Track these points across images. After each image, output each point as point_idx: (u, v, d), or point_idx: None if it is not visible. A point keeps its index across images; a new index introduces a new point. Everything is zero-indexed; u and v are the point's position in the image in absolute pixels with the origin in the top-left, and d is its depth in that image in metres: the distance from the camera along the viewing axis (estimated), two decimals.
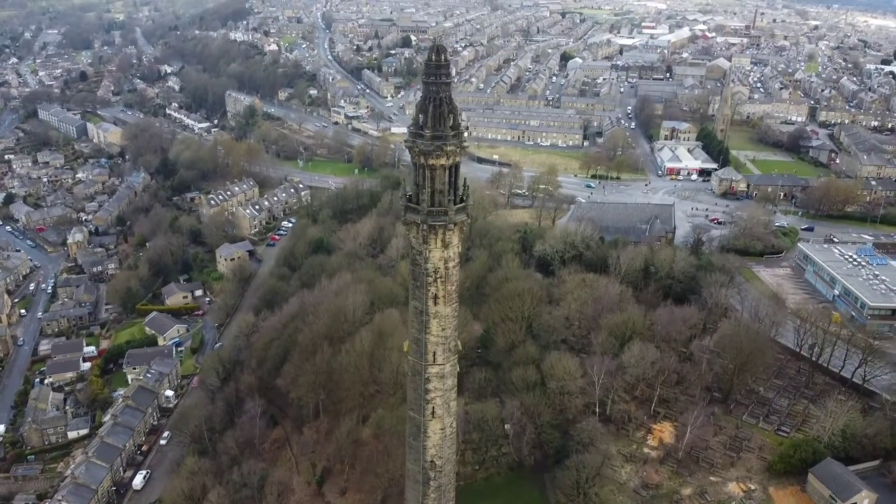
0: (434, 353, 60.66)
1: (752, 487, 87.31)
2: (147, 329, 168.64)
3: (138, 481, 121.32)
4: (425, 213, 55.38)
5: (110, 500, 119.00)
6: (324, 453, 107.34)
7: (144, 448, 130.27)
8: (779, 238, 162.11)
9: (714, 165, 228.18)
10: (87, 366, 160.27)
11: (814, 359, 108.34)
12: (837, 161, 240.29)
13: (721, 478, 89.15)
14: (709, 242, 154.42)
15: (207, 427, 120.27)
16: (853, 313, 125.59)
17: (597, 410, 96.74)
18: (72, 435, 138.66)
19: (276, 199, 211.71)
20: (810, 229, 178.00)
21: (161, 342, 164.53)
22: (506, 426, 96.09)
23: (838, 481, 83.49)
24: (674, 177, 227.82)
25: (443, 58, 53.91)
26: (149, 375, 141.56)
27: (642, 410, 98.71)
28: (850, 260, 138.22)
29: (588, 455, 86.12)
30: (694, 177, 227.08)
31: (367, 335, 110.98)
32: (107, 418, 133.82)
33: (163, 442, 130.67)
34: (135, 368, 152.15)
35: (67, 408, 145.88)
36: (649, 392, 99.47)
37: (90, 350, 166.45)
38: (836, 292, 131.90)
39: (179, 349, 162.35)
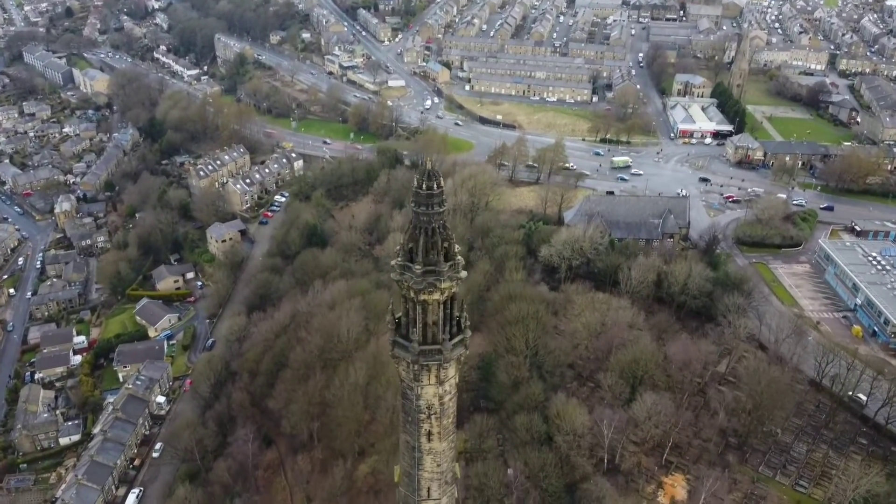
0: (428, 489, 54.41)
1: None
2: (137, 318, 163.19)
3: (131, 501, 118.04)
4: (416, 353, 47.87)
5: None
6: (319, 486, 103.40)
7: (137, 462, 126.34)
8: (797, 226, 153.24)
9: (729, 127, 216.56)
10: (77, 359, 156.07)
11: (835, 391, 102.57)
12: (859, 121, 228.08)
13: None
14: (724, 235, 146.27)
15: (199, 447, 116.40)
16: (875, 328, 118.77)
17: (605, 458, 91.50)
18: (63, 441, 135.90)
19: (267, 171, 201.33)
20: (830, 209, 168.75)
21: (152, 333, 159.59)
22: (509, 471, 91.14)
23: None
24: (687, 140, 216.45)
25: (434, 185, 44.99)
26: (138, 382, 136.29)
27: (653, 458, 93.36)
28: (874, 262, 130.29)
29: None
30: (708, 139, 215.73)
31: (362, 366, 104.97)
32: (97, 430, 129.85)
33: (155, 454, 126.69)
34: (125, 367, 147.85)
35: (58, 411, 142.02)
36: (660, 436, 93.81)
37: (80, 340, 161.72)
38: (859, 301, 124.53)
39: (171, 342, 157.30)
